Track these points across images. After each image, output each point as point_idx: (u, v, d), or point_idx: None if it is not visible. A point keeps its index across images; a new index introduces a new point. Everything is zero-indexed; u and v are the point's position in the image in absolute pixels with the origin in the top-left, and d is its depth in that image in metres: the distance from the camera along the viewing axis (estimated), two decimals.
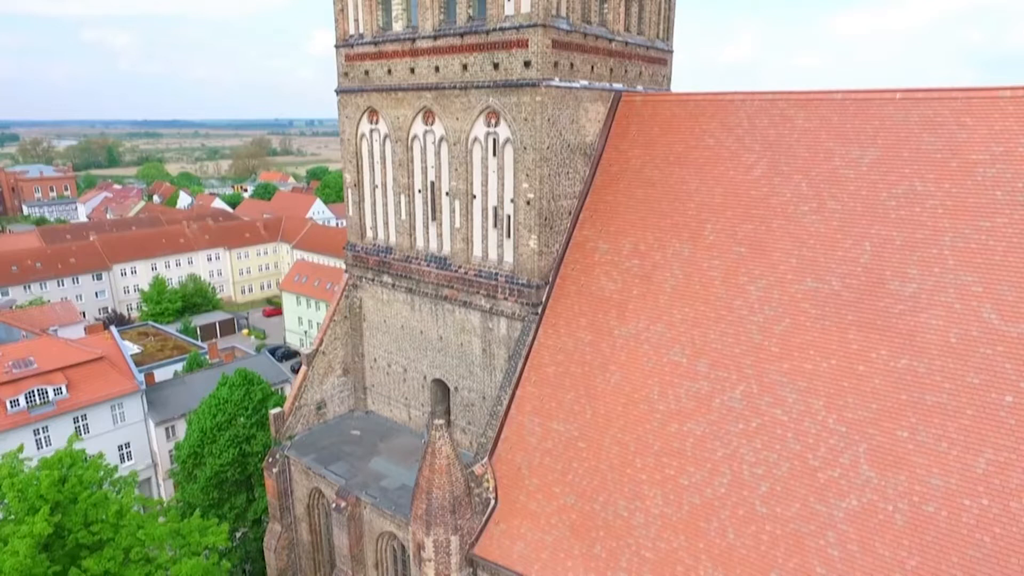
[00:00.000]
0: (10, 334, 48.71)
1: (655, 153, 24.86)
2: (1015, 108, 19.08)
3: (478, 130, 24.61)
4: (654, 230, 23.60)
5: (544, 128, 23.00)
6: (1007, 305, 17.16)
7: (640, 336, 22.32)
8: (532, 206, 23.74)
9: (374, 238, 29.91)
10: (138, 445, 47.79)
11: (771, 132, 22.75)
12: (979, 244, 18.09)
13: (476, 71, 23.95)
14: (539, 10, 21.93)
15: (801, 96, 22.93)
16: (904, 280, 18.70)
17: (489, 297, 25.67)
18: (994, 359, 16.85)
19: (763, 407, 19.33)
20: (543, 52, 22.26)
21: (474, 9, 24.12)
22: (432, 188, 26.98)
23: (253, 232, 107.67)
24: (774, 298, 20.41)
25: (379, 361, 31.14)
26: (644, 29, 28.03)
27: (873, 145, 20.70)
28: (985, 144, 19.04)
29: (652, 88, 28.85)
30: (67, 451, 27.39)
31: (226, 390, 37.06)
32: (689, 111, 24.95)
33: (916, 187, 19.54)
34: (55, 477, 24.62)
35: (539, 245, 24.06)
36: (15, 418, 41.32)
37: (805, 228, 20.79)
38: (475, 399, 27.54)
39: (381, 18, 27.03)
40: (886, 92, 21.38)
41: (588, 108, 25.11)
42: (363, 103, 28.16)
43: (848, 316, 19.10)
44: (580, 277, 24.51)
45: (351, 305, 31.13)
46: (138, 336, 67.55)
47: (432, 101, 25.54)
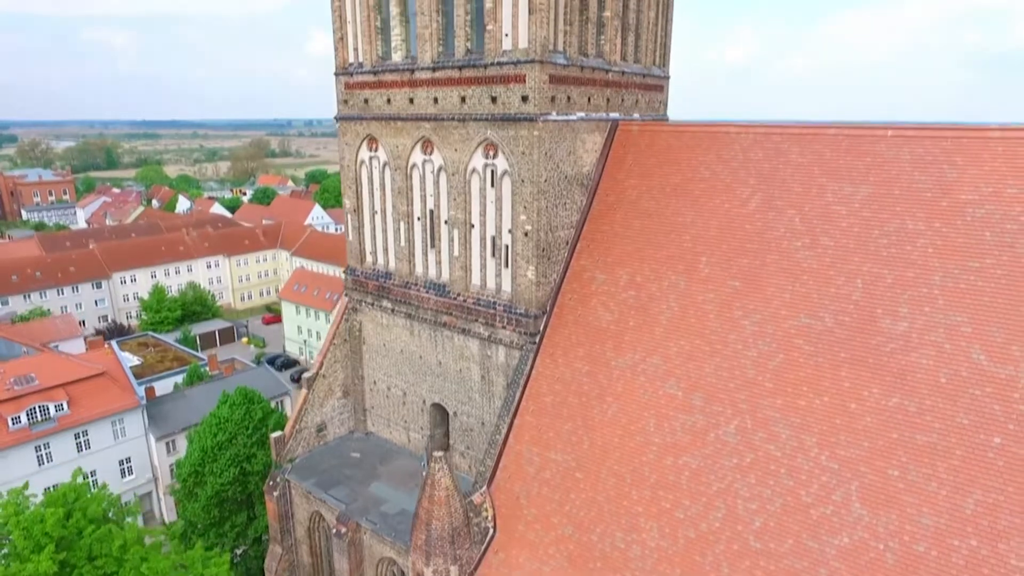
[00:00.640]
0: (11, 349, 48.96)
1: (651, 184, 25.17)
2: (1004, 148, 19.40)
3: (476, 161, 24.91)
4: (650, 261, 23.91)
5: (541, 162, 23.30)
6: (995, 347, 17.48)
7: (636, 368, 22.63)
8: (530, 237, 24.04)
9: (374, 263, 30.20)
10: (138, 460, 48.06)
11: (766, 166, 23.06)
12: (968, 285, 18.40)
13: (474, 104, 24.24)
14: (536, 46, 22.22)
15: (795, 130, 23.25)
16: (895, 318, 19.02)
17: (488, 325, 25.97)
18: (983, 400, 17.16)
19: (757, 442, 19.64)
20: (540, 88, 22.55)
21: (472, 43, 24.42)
22: (431, 216, 27.27)
23: (252, 239, 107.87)
24: (768, 333, 20.72)
25: (379, 384, 31.44)
26: (640, 57, 28.36)
27: (865, 182, 21.02)
28: (974, 184, 19.36)
29: (649, 115, 29.17)
30: (71, 485, 27.63)
31: (227, 409, 37.33)
32: (685, 142, 25.26)
33: (907, 225, 19.85)
34: (60, 515, 24.78)
35: (537, 276, 24.37)
36: (17, 435, 41.56)
37: (798, 263, 21.10)
38: (474, 424, 27.85)
39: (380, 48, 27.31)
40: (878, 129, 21.70)
41: (585, 139, 25.42)
42: (362, 131, 28.45)
43: (840, 353, 19.41)
44: (577, 307, 24.81)
45: (351, 328, 31.42)
46: (138, 347, 67.81)
47: (431, 131, 25.83)
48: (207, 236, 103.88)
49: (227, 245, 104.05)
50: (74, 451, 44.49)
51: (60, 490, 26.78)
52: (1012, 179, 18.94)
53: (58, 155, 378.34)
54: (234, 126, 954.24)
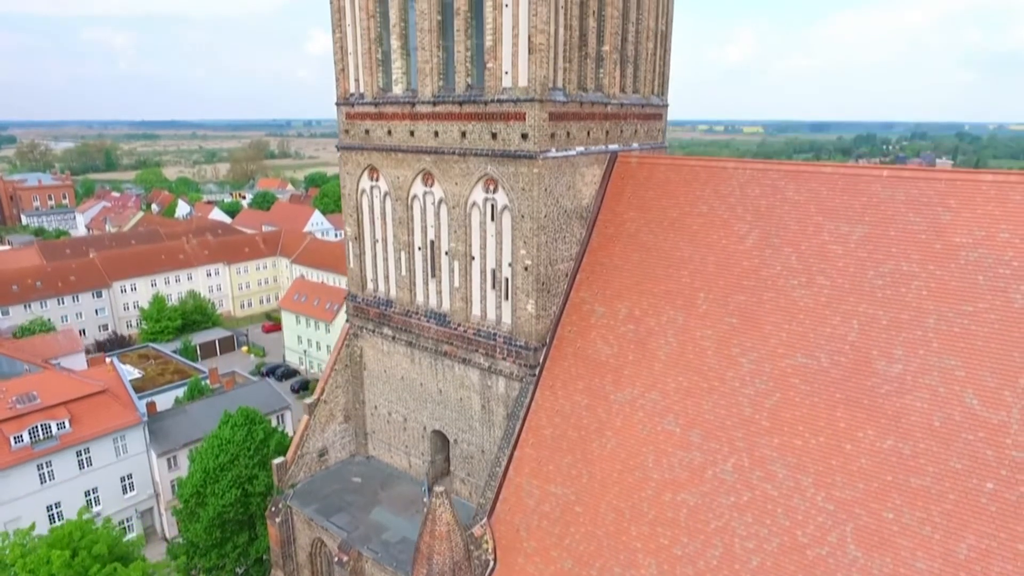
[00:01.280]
0: (13, 366, 49.19)
1: (650, 217, 25.44)
2: (997, 193, 19.69)
3: (477, 195, 25.16)
4: (649, 296, 24.17)
5: (541, 198, 23.56)
6: (988, 392, 17.75)
7: (635, 403, 22.89)
8: (530, 272, 24.30)
9: (375, 290, 30.45)
10: (140, 476, 48.28)
11: (762, 203, 23.33)
12: (962, 328, 18.68)
13: (474, 139, 24.50)
14: (536, 85, 22.48)
15: (792, 167, 23.54)
16: (890, 360, 19.29)
17: (488, 356, 26.23)
18: (976, 445, 17.44)
19: (754, 481, 19.91)
20: (540, 125, 22.81)
21: (473, 78, 24.68)
22: (432, 247, 27.52)
23: (252, 247, 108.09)
24: (765, 371, 20.99)
25: (379, 409, 31.69)
26: (639, 88, 28.64)
27: (861, 222, 21.30)
28: (968, 228, 19.65)
29: (648, 144, 29.44)
30: (77, 523, 27.79)
31: (228, 430, 37.57)
32: (683, 176, 25.53)
33: (902, 267, 20.13)
34: (66, 556, 24.95)
35: (536, 309, 24.62)
36: (19, 454, 41.79)
37: (795, 302, 21.37)
38: (474, 452, 28.11)
39: (381, 79, 27.57)
40: (873, 169, 21.99)
41: (584, 172, 25.69)
42: (363, 161, 28.70)
43: (836, 394, 19.68)
44: (577, 340, 25.08)
45: (352, 354, 31.67)
46: (138, 359, 68.04)
47: (431, 164, 26.09)
48: (207, 244, 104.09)
49: (227, 253, 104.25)
50: (76, 468, 44.71)
51: (66, 528, 27.01)
52: (1004, 223, 19.23)
53: (57, 157, 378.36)
54: (233, 126, 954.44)
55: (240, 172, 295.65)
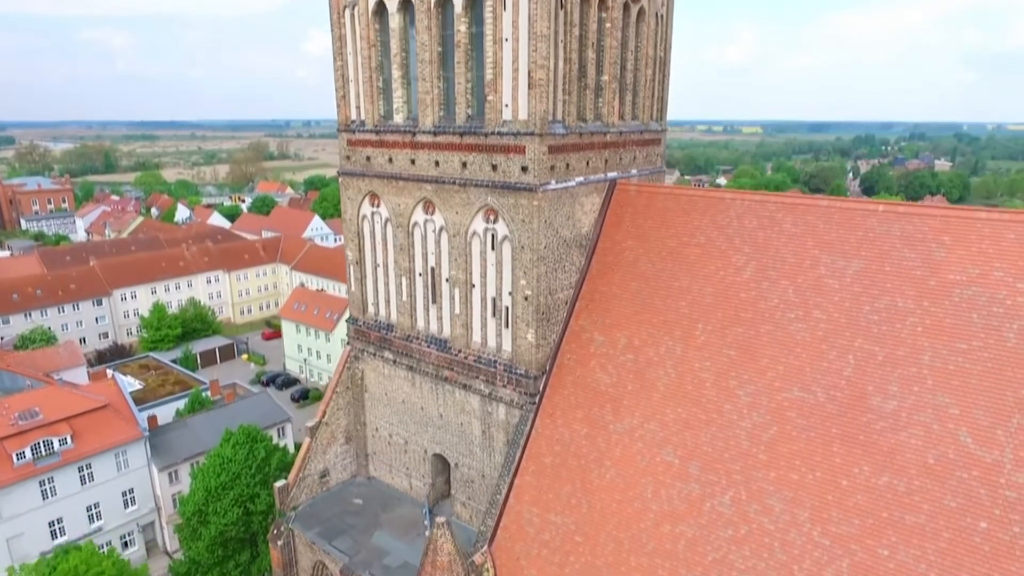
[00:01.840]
0: (15, 381, 49.40)
1: (648, 247, 25.68)
2: (990, 231, 19.94)
3: (477, 225, 25.40)
4: (647, 326, 24.42)
5: (541, 229, 23.80)
6: (981, 430, 18.01)
7: (634, 433, 23.14)
8: (530, 302, 24.53)
9: (375, 314, 30.67)
10: (141, 490, 48.47)
11: (759, 234, 23.58)
12: (956, 366, 18.93)
13: (475, 169, 24.73)
14: (536, 119, 22.72)
15: (788, 199, 23.80)
16: (885, 396, 19.54)
17: (488, 383, 26.47)
18: (970, 483, 17.69)
19: (751, 514, 20.16)
20: (540, 159, 23.06)
21: (473, 109, 24.92)
22: (432, 273, 27.76)
23: (252, 253, 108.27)
24: (762, 405, 21.24)
25: (380, 431, 31.93)
26: (638, 114, 28.89)
27: (857, 256, 21.55)
28: (962, 265, 19.90)
29: (646, 169, 29.67)
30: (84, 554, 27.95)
31: (230, 449, 37.80)
32: (681, 205, 25.78)
33: (897, 303, 20.38)
34: None
35: (536, 338, 24.86)
36: (21, 471, 41.97)
37: (792, 336, 21.62)
38: (474, 476, 28.35)
39: (382, 107, 27.79)
40: (869, 203, 22.26)
41: (584, 202, 25.93)
42: (365, 187, 28.92)
43: (832, 429, 19.94)
44: (576, 368, 25.32)
45: (353, 376, 31.90)
46: (139, 369, 68.25)
47: (432, 193, 26.32)
48: (207, 251, 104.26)
49: (227, 260, 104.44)
50: (78, 484, 44.90)
51: (71, 562, 27.24)
52: (998, 262, 19.48)
53: (56, 158, 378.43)
54: (232, 127, 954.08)
55: (239, 174, 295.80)
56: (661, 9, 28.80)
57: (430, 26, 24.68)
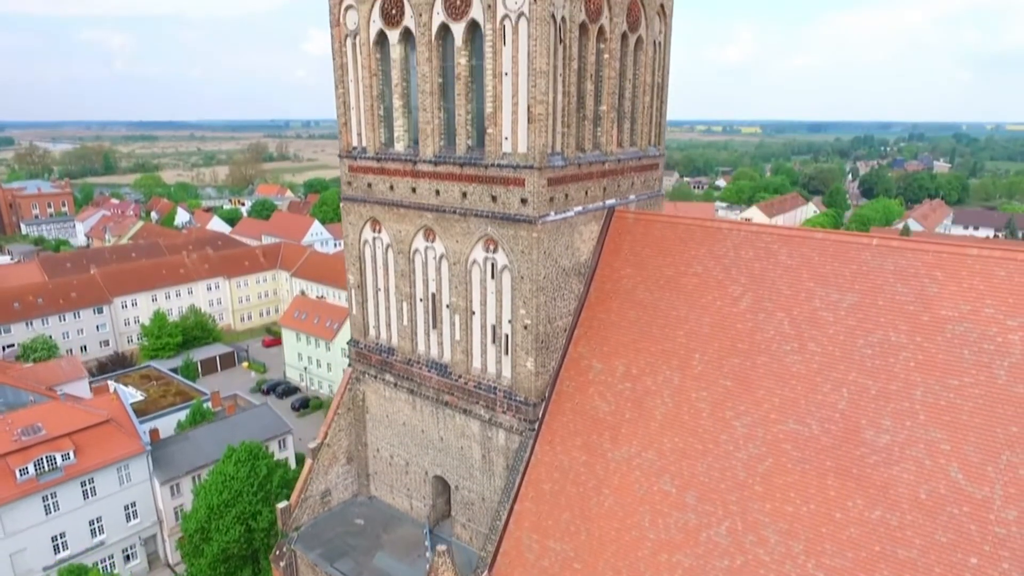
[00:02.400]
0: (17, 396, 49.73)
1: (646, 275, 26.01)
2: (982, 267, 20.30)
3: (477, 254, 25.73)
4: (645, 354, 24.76)
5: (540, 260, 24.13)
6: (972, 467, 18.37)
7: (632, 461, 23.48)
8: (529, 331, 24.87)
9: (377, 337, 31.00)
10: (143, 504, 48.81)
11: (756, 265, 23.93)
12: (947, 402, 19.29)
13: (475, 200, 25.06)
14: (535, 153, 23.05)
15: (784, 231, 24.15)
16: (878, 430, 19.90)
17: (488, 408, 26.81)
18: (960, 519, 18.05)
19: (747, 545, 20.50)
20: (539, 192, 23.38)
21: (473, 140, 25.25)
22: (433, 299, 28.09)
23: (252, 260, 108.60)
24: (758, 436, 21.58)
25: (382, 452, 32.27)
26: (636, 140, 29.23)
27: (851, 290, 21.90)
28: (954, 301, 20.26)
29: (644, 194, 30.01)
30: None
31: (231, 466, 38.13)
32: (679, 234, 26.12)
33: (890, 337, 20.73)
34: None
35: (536, 366, 25.20)
36: (24, 487, 42.31)
37: (787, 368, 21.97)
38: (475, 499, 28.68)
39: (383, 135, 28.11)
40: (863, 237, 22.62)
41: (582, 230, 26.26)
42: (366, 213, 29.24)
43: (827, 462, 20.29)
44: (575, 395, 25.66)
45: (354, 398, 32.24)
46: (140, 380, 68.57)
47: (433, 221, 26.64)
48: (207, 258, 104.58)
49: (227, 267, 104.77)
50: (80, 499, 45.24)
51: None
52: (989, 299, 19.84)
53: (55, 160, 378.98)
54: (231, 127, 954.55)
55: (239, 177, 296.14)
56: (659, 36, 29.15)
57: (431, 58, 25.01)
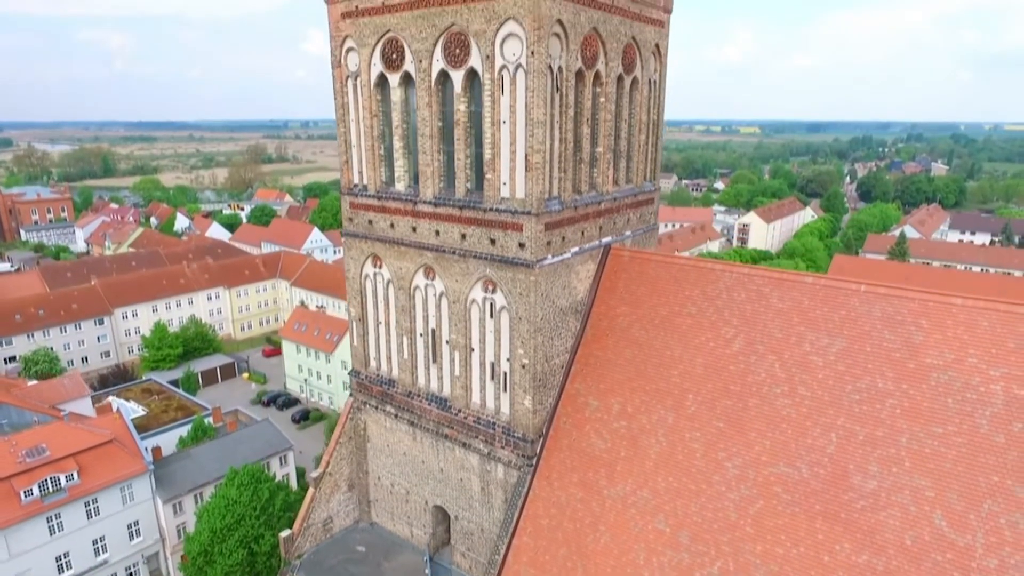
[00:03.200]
0: (22, 416, 50.29)
1: (641, 314, 26.61)
2: (966, 317, 20.91)
3: (476, 293, 26.31)
4: (640, 393, 25.35)
5: (538, 303, 24.71)
6: (956, 515, 18.98)
7: (627, 500, 24.08)
8: (527, 370, 25.45)
9: (377, 368, 31.56)
10: (146, 522, 49.32)
11: (748, 308, 24.53)
12: (932, 450, 19.90)
13: (474, 242, 25.64)
14: (532, 199, 23.63)
15: (775, 275, 24.75)
16: (866, 476, 20.50)
17: (487, 443, 27.39)
18: (944, 566, 18.66)
19: None
20: (536, 237, 23.96)
21: (472, 183, 25.83)
22: (433, 335, 28.66)
23: (252, 269, 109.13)
24: (749, 478, 22.19)
25: (383, 480, 32.84)
26: (632, 178, 29.82)
27: (840, 335, 22.51)
28: (939, 349, 20.87)
29: (640, 229, 30.61)
30: None
31: (234, 490, 38.69)
32: (673, 274, 26.71)
33: (877, 384, 21.34)
34: None
35: (533, 404, 25.79)
36: (29, 508, 42.82)
37: (778, 411, 22.58)
38: (474, 529, 29.27)
39: (384, 174, 28.68)
40: (851, 282, 23.22)
41: (579, 270, 26.85)
42: (367, 249, 29.79)
43: (816, 505, 20.90)
44: (572, 431, 26.26)
45: (356, 427, 32.81)
46: (142, 394, 69.08)
47: (433, 260, 27.21)
48: (207, 267, 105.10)
49: (227, 276, 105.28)
50: (84, 519, 45.76)
51: None
52: (972, 348, 20.46)
53: (54, 162, 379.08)
54: (230, 127, 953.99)
55: (238, 180, 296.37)
56: (654, 75, 29.74)
57: (430, 103, 25.58)
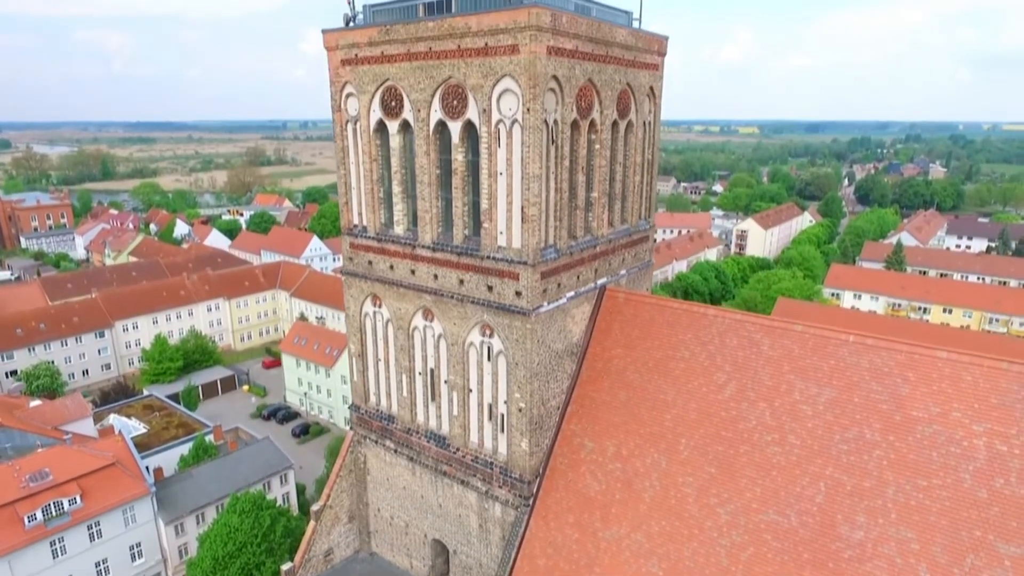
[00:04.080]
0: (25, 438, 50.76)
1: (635, 357, 27.13)
2: (951, 371, 21.46)
3: (474, 337, 26.82)
4: (635, 436, 25.89)
5: (534, 349, 25.23)
6: (940, 568, 19.53)
7: (622, 542, 24.62)
8: (524, 413, 25.97)
9: (377, 403, 32.08)
10: (148, 543, 49.77)
11: (740, 354, 25.06)
12: (917, 502, 20.45)
13: (471, 287, 26.15)
14: (529, 250, 24.14)
15: (766, 322, 25.29)
16: (853, 526, 21.05)
17: (485, 482, 27.92)
18: None
19: None
20: (532, 286, 24.48)
21: (470, 230, 26.34)
22: (432, 374, 29.17)
23: (252, 280, 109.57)
24: (740, 524, 22.73)
25: (382, 512, 33.36)
26: (627, 218, 30.34)
27: (829, 384, 23.06)
28: (924, 403, 21.42)
29: (635, 267, 31.13)
30: None
31: (236, 517, 39.20)
32: (667, 318, 27.24)
33: (865, 434, 21.89)
34: None
35: (530, 447, 26.30)
36: (32, 533, 43.28)
37: (768, 458, 23.11)
38: (472, 564, 29.79)
39: (384, 216, 29.19)
40: (840, 332, 23.76)
41: (575, 313, 27.37)
42: (367, 288, 30.29)
43: (804, 554, 21.44)
44: (568, 472, 26.78)
45: (356, 460, 33.33)
46: (143, 410, 69.53)
47: (431, 303, 27.72)
48: (207, 279, 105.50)
49: (227, 287, 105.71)
50: (87, 542, 46.21)
51: None
52: (957, 402, 21.01)
53: (53, 165, 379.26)
54: (229, 128, 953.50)
55: (237, 183, 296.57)
56: (648, 117, 30.26)
57: (428, 151, 26.09)
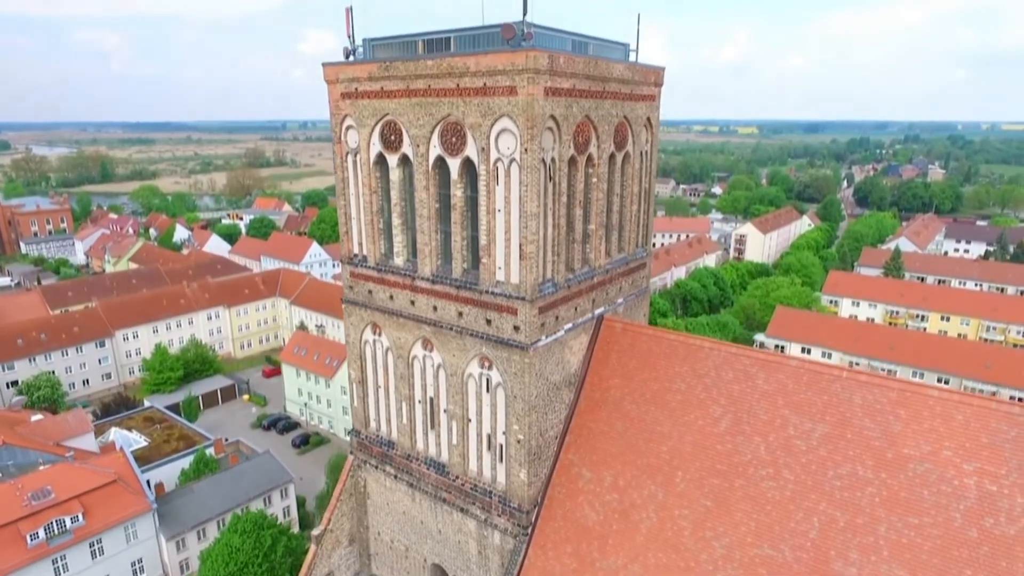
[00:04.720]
0: (26, 455, 51.07)
1: (632, 388, 27.47)
2: (942, 409, 21.81)
3: (473, 368, 27.15)
4: (632, 467, 26.23)
5: (532, 382, 25.56)
6: None
7: (619, 573, 24.95)
8: (522, 445, 26.30)
9: (377, 430, 32.41)
10: (150, 559, 50.15)
11: (735, 388, 25.41)
12: (908, 540, 20.81)
13: (470, 320, 26.48)
14: (526, 285, 24.47)
15: (761, 356, 25.63)
16: (846, 562, 21.41)
17: (484, 510, 28.25)
18: None
19: None
20: (531, 320, 24.80)
21: (469, 264, 26.65)
22: (431, 403, 29.49)
23: (252, 288, 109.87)
24: (736, 558, 23.08)
25: (383, 535, 33.70)
26: (624, 247, 30.66)
27: (823, 420, 23.41)
28: (916, 440, 21.77)
29: (632, 294, 31.47)
30: None
31: (237, 538, 39.53)
32: (663, 349, 27.58)
33: (858, 471, 22.24)
34: None
35: (528, 477, 26.63)
36: (35, 552, 43.63)
37: (763, 493, 23.46)
38: None
39: (383, 246, 29.50)
40: (834, 368, 24.11)
41: (572, 344, 27.69)
42: (367, 317, 30.61)
43: None
44: (566, 502, 27.13)
45: (356, 484, 33.66)
46: (144, 423, 69.85)
47: (431, 334, 28.05)
48: (207, 287, 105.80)
49: (227, 295, 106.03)
50: (89, 559, 46.58)
51: None
52: (948, 441, 21.36)
53: (52, 167, 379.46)
54: (228, 128, 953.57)
55: (237, 186, 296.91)
56: (645, 147, 30.59)
57: (428, 186, 26.40)
